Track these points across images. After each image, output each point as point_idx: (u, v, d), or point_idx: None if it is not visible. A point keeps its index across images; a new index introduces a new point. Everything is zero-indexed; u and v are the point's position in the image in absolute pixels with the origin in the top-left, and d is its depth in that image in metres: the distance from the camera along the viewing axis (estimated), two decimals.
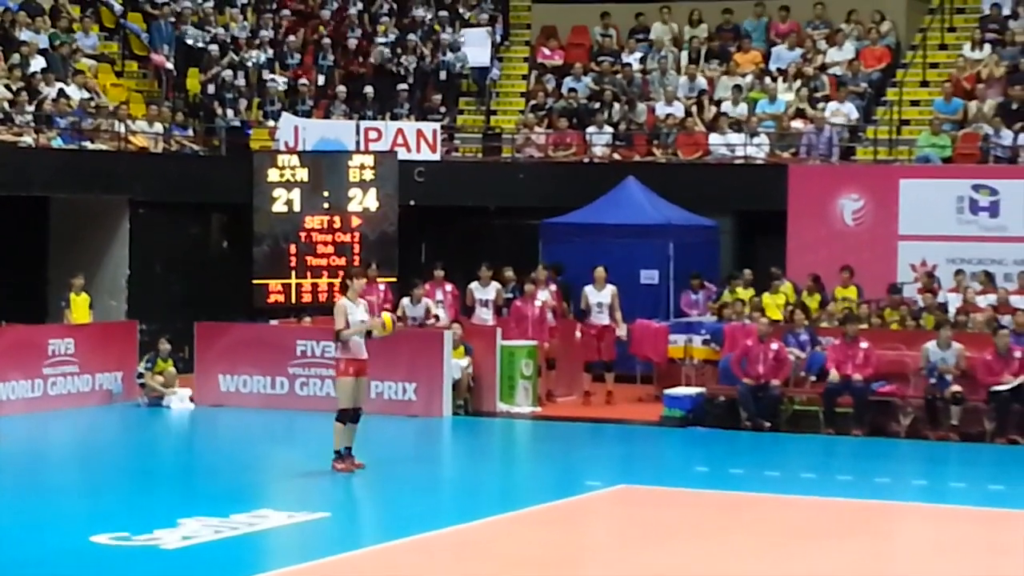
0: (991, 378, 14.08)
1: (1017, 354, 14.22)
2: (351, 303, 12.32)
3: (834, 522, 11.04)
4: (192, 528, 9.18)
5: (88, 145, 19.55)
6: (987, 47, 19.96)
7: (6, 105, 18.32)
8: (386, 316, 12.99)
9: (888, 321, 16.39)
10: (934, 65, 21.13)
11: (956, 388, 14.26)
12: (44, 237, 19.50)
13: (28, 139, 18.18)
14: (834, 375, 14.56)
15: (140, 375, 17.48)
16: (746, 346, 15.35)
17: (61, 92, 18.83)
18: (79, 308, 17.03)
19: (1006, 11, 20.79)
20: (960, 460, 14.63)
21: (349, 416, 12.12)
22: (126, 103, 20.54)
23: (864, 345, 14.84)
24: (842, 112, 19.73)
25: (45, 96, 18.65)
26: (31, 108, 18.65)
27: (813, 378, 15.25)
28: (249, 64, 22.14)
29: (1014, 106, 18.89)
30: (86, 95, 20.21)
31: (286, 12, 23.81)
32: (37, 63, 19.25)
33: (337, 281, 17.69)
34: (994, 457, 14.50)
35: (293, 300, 19.23)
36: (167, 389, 17.19)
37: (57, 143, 18.51)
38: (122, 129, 19.69)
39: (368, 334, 11.95)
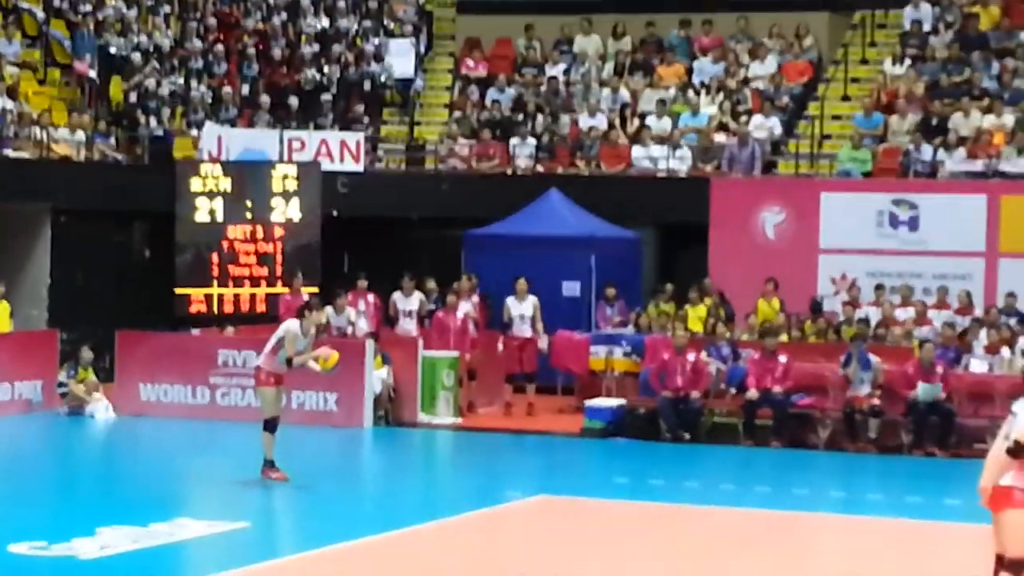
0: (912, 391, 14.68)
1: (939, 368, 14.65)
2: (301, 333, 12.51)
3: (752, 533, 11.33)
4: (110, 537, 9.16)
5: (10, 153, 19.67)
6: (908, 62, 20.63)
7: None
8: (334, 356, 12.79)
9: (808, 334, 16.91)
10: (855, 80, 21.65)
11: (875, 401, 14.73)
12: None
13: None
14: (752, 392, 14.83)
15: (62, 384, 17.42)
16: (663, 359, 15.67)
17: None
18: None
19: (927, 27, 21.42)
20: (878, 472, 15.18)
21: (274, 425, 12.48)
22: (48, 111, 20.80)
23: (783, 359, 15.25)
24: (765, 126, 20.13)
25: None
26: None
27: (733, 390, 15.54)
28: (173, 73, 22.51)
29: (934, 121, 19.55)
30: (8, 102, 20.44)
31: (211, 22, 23.80)
32: None
33: (259, 291, 19.60)
34: (911, 469, 14.93)
35: (215, 310, 19.75)
36: (89, 398, 17.32)
37: None
38: (44, 137, 19.85)
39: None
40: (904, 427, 15.33)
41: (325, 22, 24.48)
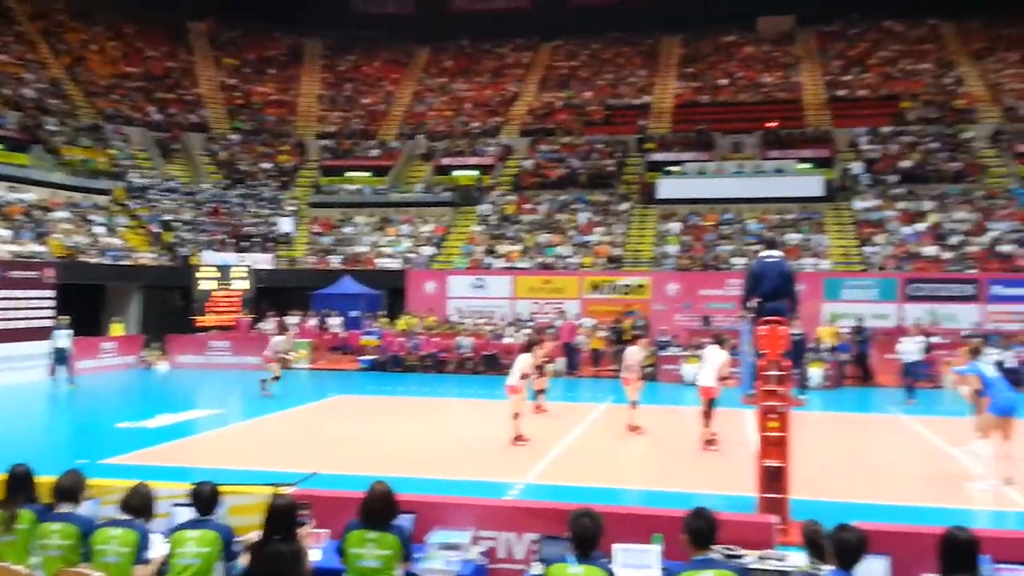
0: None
1: (496, 341, 32.16)
2: (284, 341, 19.97)
3: (427, 406, 18.64)
4: (161, 419, 15.08)
5: (125, 262, 27.67)
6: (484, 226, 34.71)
7: None
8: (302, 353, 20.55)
9: (443, 329, 27.63)
10: (458, 242, 33.92)
11: (471, 355, 26.11)
12: None
13: None
14: (423, 352, 25.80)
15: (143, 356, 25.47)
16: (389, 339, 26.12)
17: None
18: None
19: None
20: (472, 383, 22.59)
21: (279, 373, 19.58)
22: (135, 247, 28.28)
23: (435, 339, 26.39)
24: (422, 250, 32.37)
25: None
26: None
27: (416, 351, 25.75)
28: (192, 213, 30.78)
29: (490, 247, 34.21)
30: (118, 241, 28.96)
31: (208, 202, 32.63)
32: None
33: (228, 318, 28.19)
34: (480, 381, 22.82)
35: (210, 326, 28.27)
36: (155, 361, 26.10)
37: None
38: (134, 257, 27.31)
39: None
40: (480, 362, 25.08)
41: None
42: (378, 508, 5.40)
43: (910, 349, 20.44)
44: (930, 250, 28.71)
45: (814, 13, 44.16)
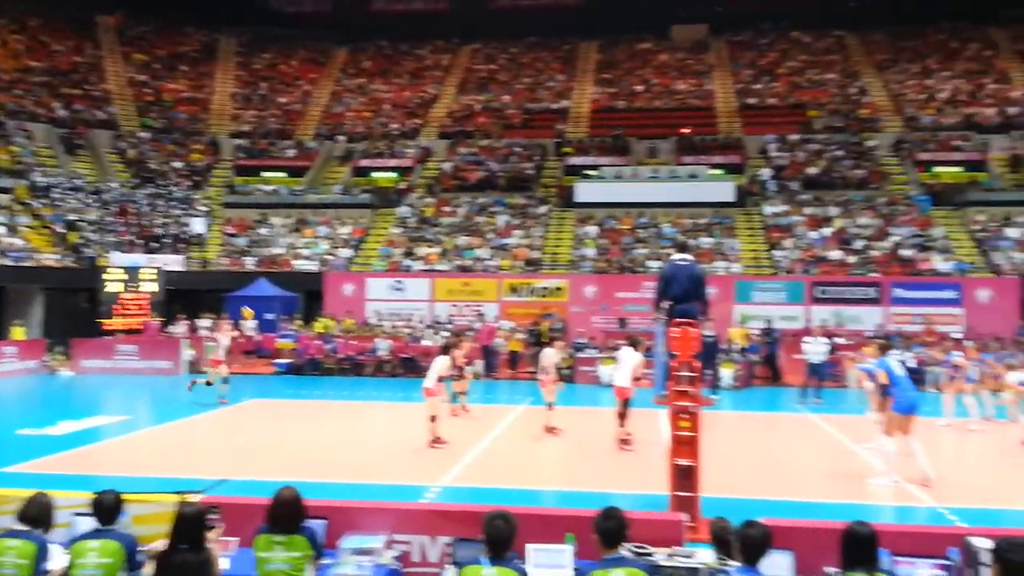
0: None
1: (414, 344, 29.05)
2: (222, 340, 18.91)
3: (345, 410, 18.53)
4: (64, 426, 14.50)
5: (26, 264, 27.26)
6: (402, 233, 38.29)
7: None
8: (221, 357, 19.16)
9: (361, 331, 27.77)
10: (378, 243, 33.59)
11: (388, 358, 28.86)
12: None
13: None
14: (340, 355, 25.61)
15: (46, 361, 24.90)
16: (306, 342, 26.21)
17: None
18: None
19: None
20: (389, 387, 22.50)
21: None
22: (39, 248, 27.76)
23: (353, 342, 26.90)
24: (343, 253, 32.31)
25: None
26: None
27: (334, 354, 25.76)
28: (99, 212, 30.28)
29: (412, 250, 35.01)
30: (19, 241, 28.42)
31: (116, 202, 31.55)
32: None
33: (135, 321, 27.44)
34: (399, 384, 22.85)
35: (117, 329, 27.20)
36: (58, 366, 25.22)
37: None
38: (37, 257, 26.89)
39: None
40: (398, 365, 25.46)
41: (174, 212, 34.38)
42: (284, 514, 5.23)
43: (816, 350, 21.03)
44: (835, 254, 29.63)
45: (726, 23, 45.27)
